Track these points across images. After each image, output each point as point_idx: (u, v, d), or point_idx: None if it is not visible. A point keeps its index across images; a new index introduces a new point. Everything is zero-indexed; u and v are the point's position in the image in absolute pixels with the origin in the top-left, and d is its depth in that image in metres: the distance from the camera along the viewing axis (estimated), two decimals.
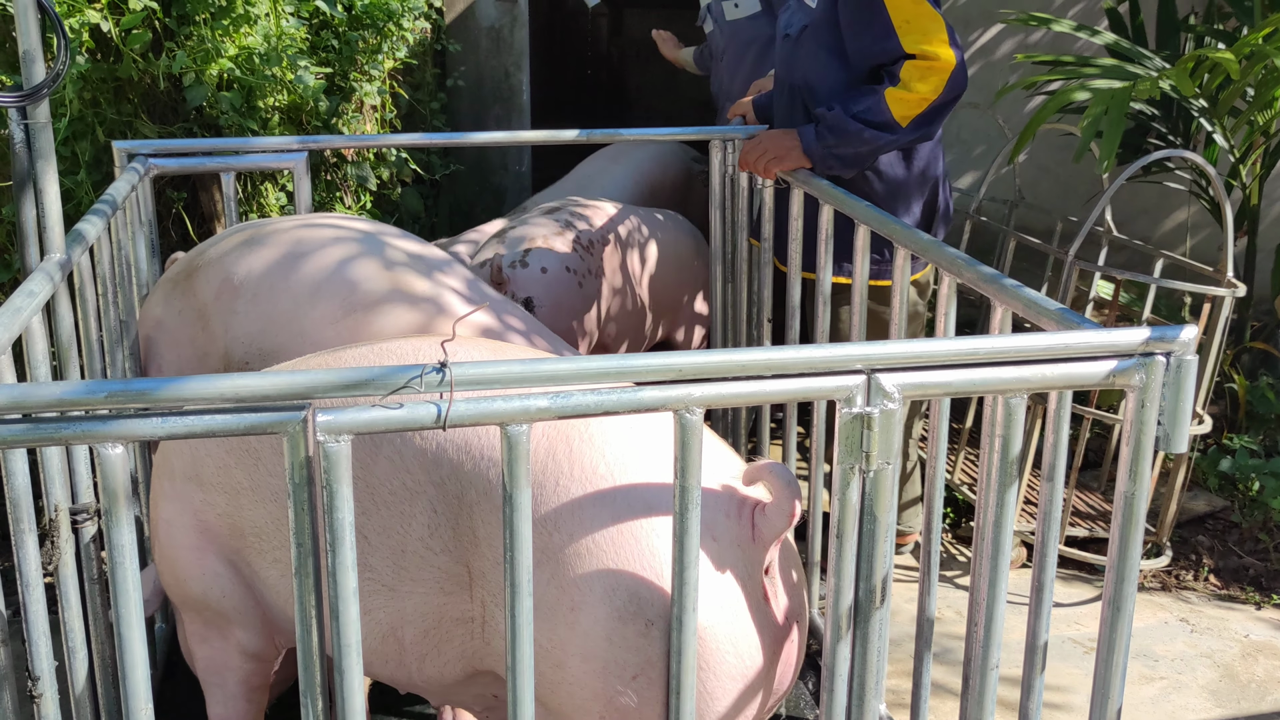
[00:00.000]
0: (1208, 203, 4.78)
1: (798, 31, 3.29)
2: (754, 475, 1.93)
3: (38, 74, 2.18)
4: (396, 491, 2.06)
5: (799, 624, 2.03)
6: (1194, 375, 1.89)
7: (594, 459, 1.95)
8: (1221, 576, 3.96)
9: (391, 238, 2.80)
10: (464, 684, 2.19)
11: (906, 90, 3.06)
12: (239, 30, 3.56)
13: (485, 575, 2.01)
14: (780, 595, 1.99)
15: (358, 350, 2.22)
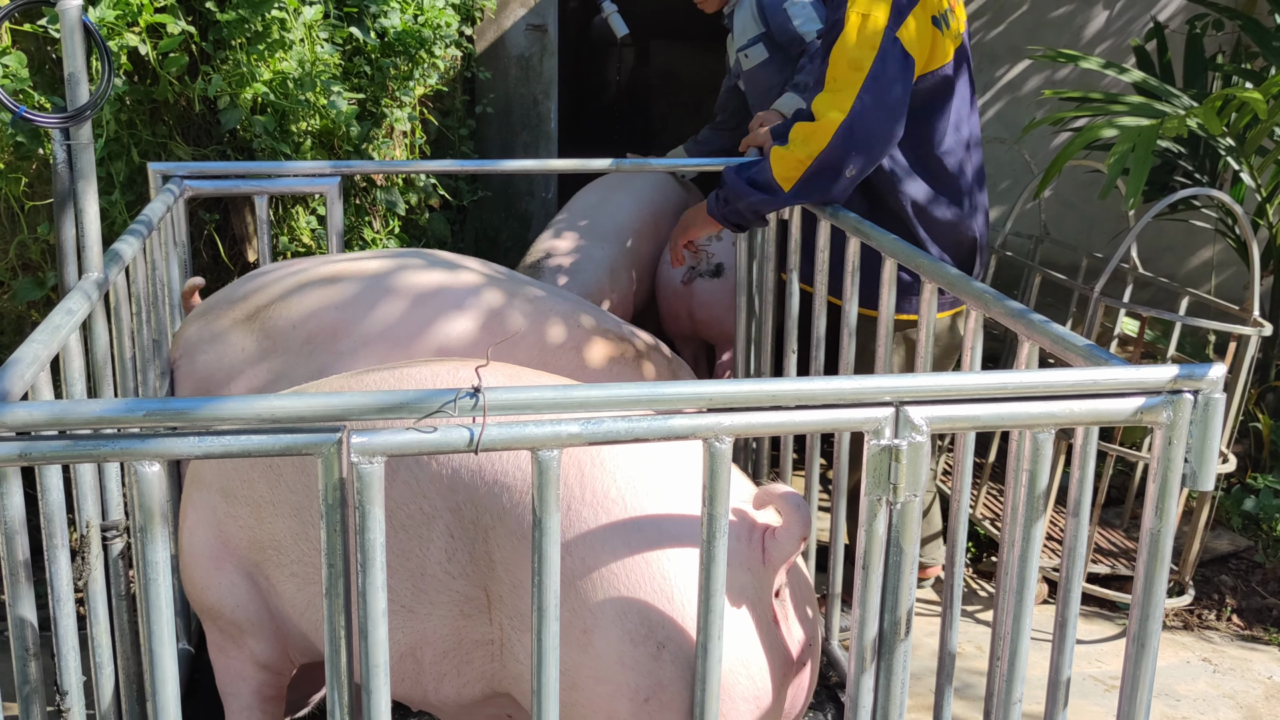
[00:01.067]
0: (1234, 241, 4.78)
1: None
2: (764, 500, 1.96)
3: (81, 96, 2.22)
4: (414, 516, 2.08)
5: (811, 649, 2.04)
6: (1221, 413, 1.89)
7: (605, 483, 1.96)
8: (1244, 617, 3.94)
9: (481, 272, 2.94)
10: (480, 705, 2.20)
11: (787, 151, 3.05)
12: (274, 55, 3.60)
13: (503, 599, 2.02)
14: (791, 619, 2.00)
15: (388, 372, 2.25)
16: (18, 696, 1.85)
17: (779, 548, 1.93)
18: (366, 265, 2.87)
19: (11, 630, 1.83)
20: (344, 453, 1.66)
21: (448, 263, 2.95)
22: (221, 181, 3.29)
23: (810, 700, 2.12)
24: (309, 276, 2.84)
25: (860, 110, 2.97)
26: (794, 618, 2.01)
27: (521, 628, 2.00)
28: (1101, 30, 5.57)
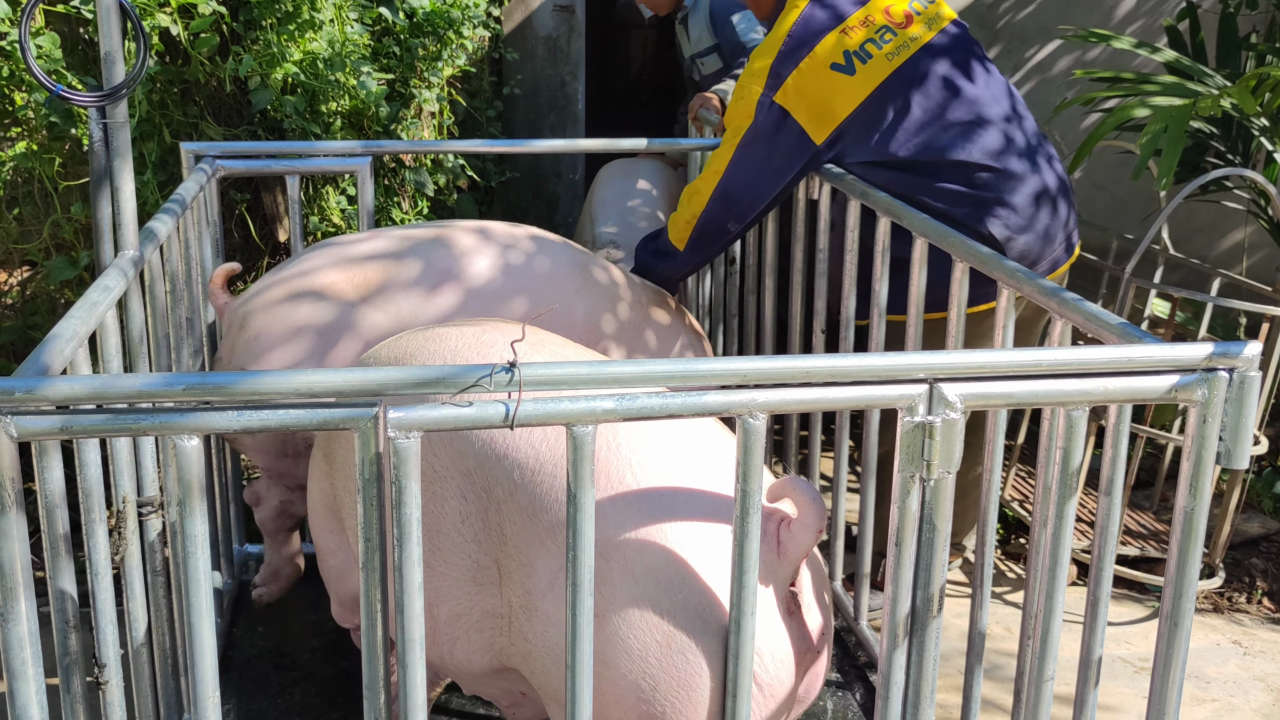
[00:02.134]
0: (1266, 222, 4.74)
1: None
2: (779, 491, 1.94)
3: (117, 75, 2.23)
4: (427, 473, 2.11)
5: (824, 636, 2.04)
6: (1256, 391, 1.88)
7: (620, 468, 1.97)
8: (1275, 600, 3.92)
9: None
10: (492, 677, 2.22)
11: (677, 213, 3.31)
12: (304, 35, 3.61)
13: (512, 576, 2.03)
14: (810, 608, 2.00)
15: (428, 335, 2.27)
16: (59, 668, 1.87)
17: (794, 540, 1.92)
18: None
19: (52, 603, 1.85)
20: (380, 427, 1.67)
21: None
22: (253, 161, 3.31)
23: (822, 683, 2.12)
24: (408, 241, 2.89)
25: (732, 171, 3.19)
26: (812, 605, 2.01)
27: (529, 608, 2.00)
28: (1133, 10, 5.52)
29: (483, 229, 2.93)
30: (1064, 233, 3.23)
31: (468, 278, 2.79)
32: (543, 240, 2.96)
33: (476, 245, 2.87)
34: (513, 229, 2.97)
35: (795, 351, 3.57)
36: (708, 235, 3.26)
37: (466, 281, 2.79)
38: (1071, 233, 3.28)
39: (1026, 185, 3.15)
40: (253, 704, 2.91)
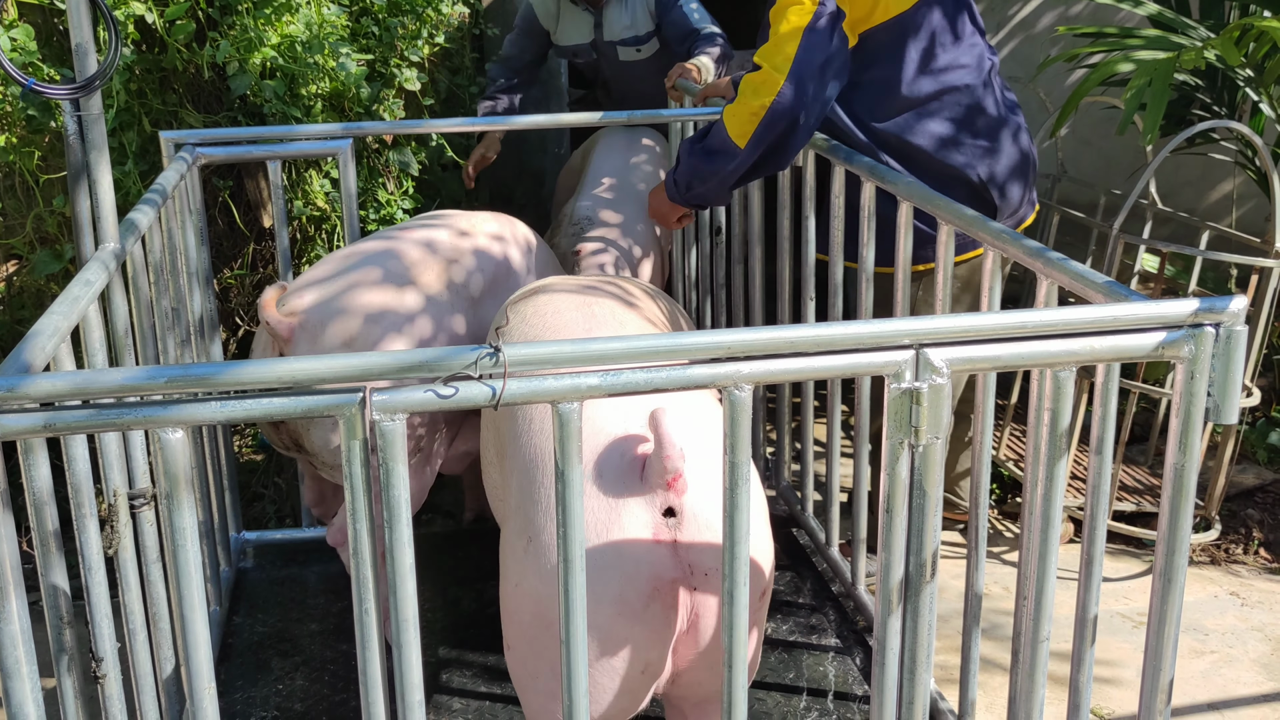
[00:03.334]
0: (1254, 173, 4.73)
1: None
2: (649, 421, 1.98)
3: (90, 66, 2.21)
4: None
5: (713, 580, 2.01)
6: (1244, 346, 1.88)
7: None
8: (1272, 550, 3.93)
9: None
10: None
11: (738, 104, 2.98)
12: (281, 19, 3.58)
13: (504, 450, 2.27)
14: (689, 547, 1.99)
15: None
16: (54, 664, 1.88)
17: (652, 468, 1.97)
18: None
19: (45, 599, 1.85)
20: (366, 413, 1.67)
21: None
22: (234, 148, 3.29)
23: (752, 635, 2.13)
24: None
25: (802, 56, 2.93)
26: (694, 546, 2.00)
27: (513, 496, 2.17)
28: None
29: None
30: (1027, 198, 3.28)
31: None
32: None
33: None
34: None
35: (785, 320, 3.57)
36: (774, 128, 2.97)
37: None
38: (1033, 199, 3.33)
39: (1005, 150, 3.17)
40: (255, 690, 2.92)
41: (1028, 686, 2.17)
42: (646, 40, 4.67)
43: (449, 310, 2.94)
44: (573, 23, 4.72)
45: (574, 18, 4.71)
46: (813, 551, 3.50)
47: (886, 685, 1.99)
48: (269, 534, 3.62)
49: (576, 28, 4.72)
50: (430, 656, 3.00)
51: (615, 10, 4.62)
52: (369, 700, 1.79)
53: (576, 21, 4.71)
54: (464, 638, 3.11)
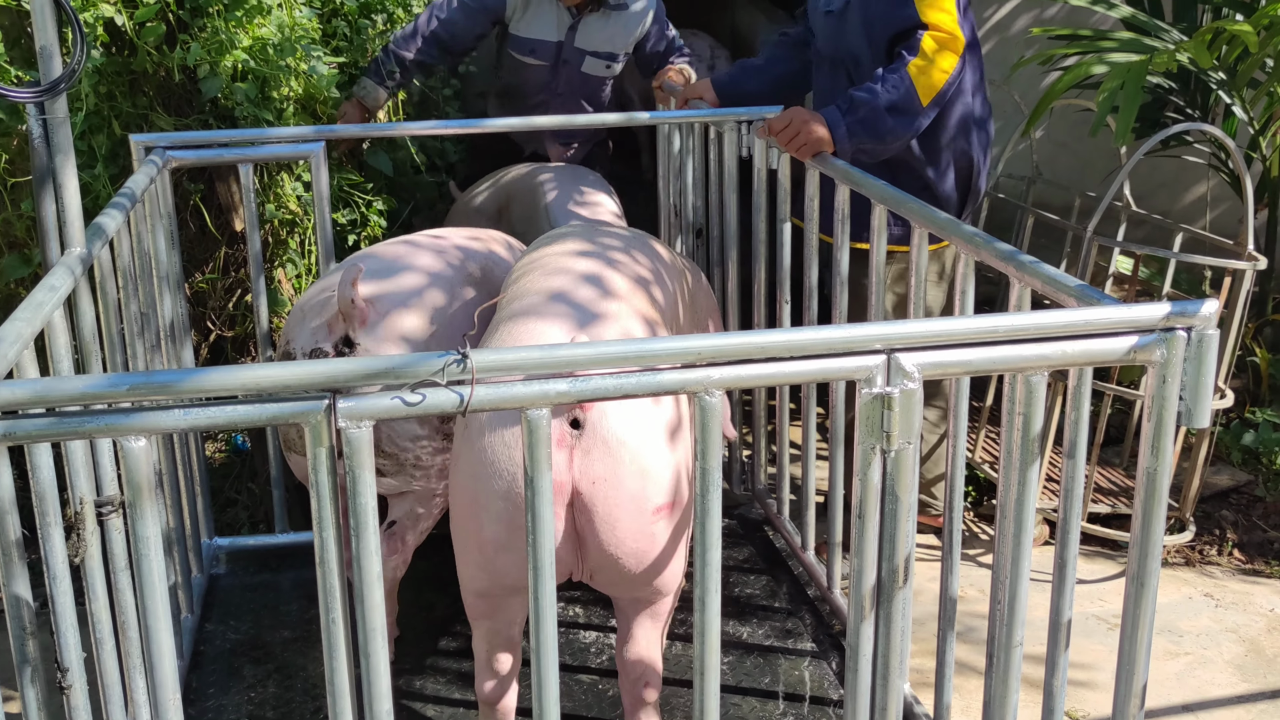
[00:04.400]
0: (1227, 176, 4.75)
1: (840, 6, 3.28)
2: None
3: (55, 69, 2.19)
4: None
5: (601, 489, 2.19)
6: (1215, 350, 1.88)
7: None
8: (1246, 551, 3.95)
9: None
10: None
11: (928, 62, 3.03)
12: (252, 21, 3.55)
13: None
14: (587, 455, 2.17)
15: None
16: (16, 674, 1.85)
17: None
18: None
19: (8, 609, 1.83)
20: (332, 420, 1.65)
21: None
22: (205, 151, 3.26)
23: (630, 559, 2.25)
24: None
25: (961, 24, 3.09)
26: (589, 455, 2.17)
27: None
28: None
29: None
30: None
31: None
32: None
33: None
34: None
35: (760, 322, 3.56)
36: (949, 89, 3.11)
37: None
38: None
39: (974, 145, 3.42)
40: (226, 698, 2.90)
41: (1002, 690, 2.17)
42: (617, 61, 4.53)
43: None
44: (543, 16, 4.43)
45: (546, 12, 4.43)
46: (788, 555, 3.49)
47: (860, 691, 1.99)
48: (242, 540, 3.60)
49: (546, 22, 4.44)
50: (403, 663, 2.98)
51: (597, 21, 4.44)
52: (337, 709, 1.77)
53: (547, 16, 4.43)
54: (436, 644, 3.09)
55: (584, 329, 2.31)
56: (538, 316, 2.35)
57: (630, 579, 2.28)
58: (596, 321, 2.35)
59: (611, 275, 2.53)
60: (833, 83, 3.35)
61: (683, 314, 2.80)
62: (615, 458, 2.16)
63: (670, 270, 2.81)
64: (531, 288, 2.49)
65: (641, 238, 2.88)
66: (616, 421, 2.18)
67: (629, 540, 2.20)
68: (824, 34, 3.38)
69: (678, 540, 2.32)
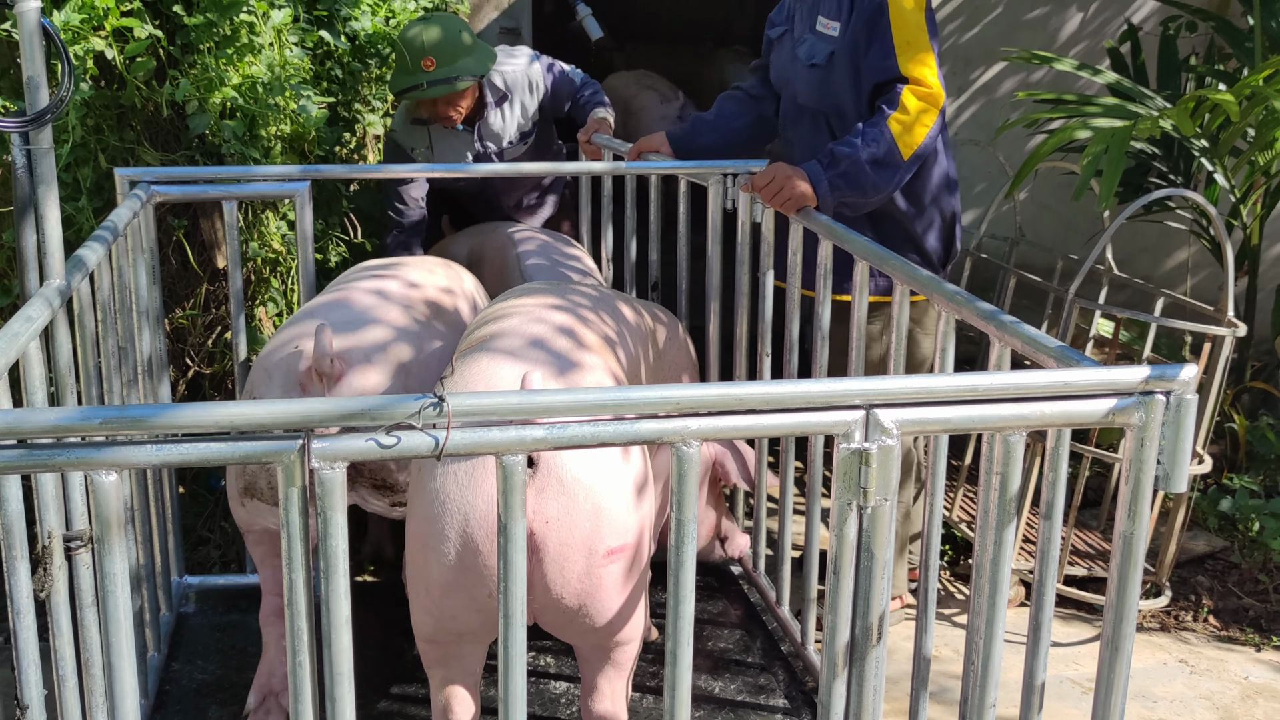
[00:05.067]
0: (1209, 242, 4.79)
1: (825, 59, 3.29)
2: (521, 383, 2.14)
3: (41, 100, 2.19)
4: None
5: (555, 529, 2.18)
6: (1194, 414, 1.88)
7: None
8: (1221, 617, 3.94)
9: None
10: None
11: (910, 117, 3.08)
12: (243, 59, 3.56)
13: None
14: (535, 490, 2.16)
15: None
16: None
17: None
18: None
19: None
20: (305, 460, 1.63)
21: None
22: (189, 186, 3.26)
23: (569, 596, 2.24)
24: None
25: (936, 79, 3.14)
26: (543, 493, 2.16)
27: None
28: (1076, 32, 5.56)
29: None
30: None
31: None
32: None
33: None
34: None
35: (741, 374, 3.56)
36: (932, 142, 3.17)
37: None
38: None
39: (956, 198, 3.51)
40: None
41: None
42: (530, 131, 4.36)
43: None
44: (448, 145, 4.28)
45: (447, 139, 4.27)
46: (763, 609, 3.47)
47: None
48: (212, 579, 3.56)
49: (454, 149, 4.29)
50: (369, 710, 2.94)
51: (493, 117, 4.26)
52: None
53: (451, 143, 4.28)
54: (405, 690, 3.05)
55: (560, 376, 2.31)
56: (510, 357, 2.34)
57: (575, 622, 2.26)
58: (569, 370, 2.35)
59: (583, 330, 2.53)
60: (814, 135, 3.36)
61: (646, 374, 2.78)
62: (569, 496, 2.15)
63: (634, 332, 2.80)
64: (505, 329, 2.48)
65: (608, 298, 2.87)
66: (572, 460, 2.17)
67: (575, 581, 2.19)
68: (806, 87, 3.38)
69: (631, 586, 2.29)
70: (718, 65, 7.21)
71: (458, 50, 3.96)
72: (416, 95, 3.99)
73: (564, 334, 2.47)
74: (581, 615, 2.24)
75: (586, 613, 2.24)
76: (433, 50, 3.92)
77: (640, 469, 2.32)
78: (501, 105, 4.26)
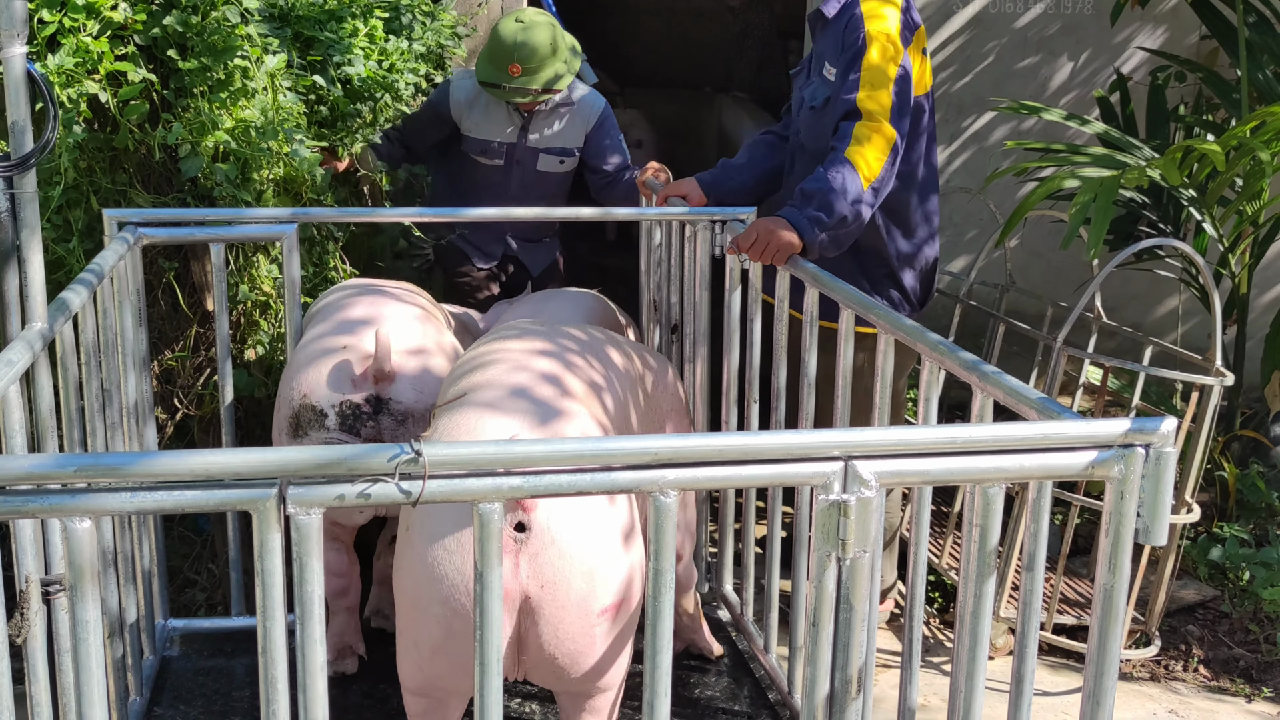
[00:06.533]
0: (1198, 290, 4.80)
1: (822, 102, 3.44)
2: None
3: (26, 144, 2.20)
4: None
5: (538, 602, 2.17)
6: (1173, 468, 1.88)
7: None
8: (1211, 667, 3.92)
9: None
10: None
11: (861, 147, 3.21)
12: (236, 103, 3.58)
13: None
14: (526, 564, 2.15)
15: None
16: None
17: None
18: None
19: None
20: (281, 508, 1.63)
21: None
22: (177, 229, 3.27)
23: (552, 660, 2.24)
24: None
25: (897, 108, 3.29)
26: (537, 559, 2.15)
27: None
28: (1066, 82, 5.61)
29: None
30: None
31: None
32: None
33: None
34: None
35: (727, 420, 3.55)
36: (892, 168, 3.27)
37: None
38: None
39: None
40: None
41: None
42: (571, 155, 4.55)
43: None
44: (493, 118, 4.48)
45: (496, 112, 4.48)
46: (750, 657, 3.45)
47: None
48: (197, 622, 3.54)
49: (496, 123, 4.49)
50: None
51: (545, 119, 4.49)
52: None
53: (497, 117, 4.48)
54: None
55: (543, 426, 2.30)
56: (493, 410, 2.34)
57: (567, 677, 2.26)
58: (553, 419, 2.34)
59: (568, 377, 2.53)
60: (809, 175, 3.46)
61: (635, 420, 2.78)
62: (565, 559, 2.15)
63: (622, 377, 2.80)
64: (488, 380, 2.48)
65: (596, 341, 2.86)
66: (565, 522, 2.17)
67: (569, 641, 2.19)
68: (806, 128, 3.52)
69: (621, 638, 2.30)
70: (715, 111, 7.25)
71: (544, 61, 4.25)
72: (497, 95, 4.32)
73: (548, 381, 2.46)
74: (569, 670, 2.24)
75: (574, 668, 2.24)
76: (522, 59, 4.21)
77: (627, 518, 2.32)
78: (563, 108, 4.48)
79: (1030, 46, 5.57)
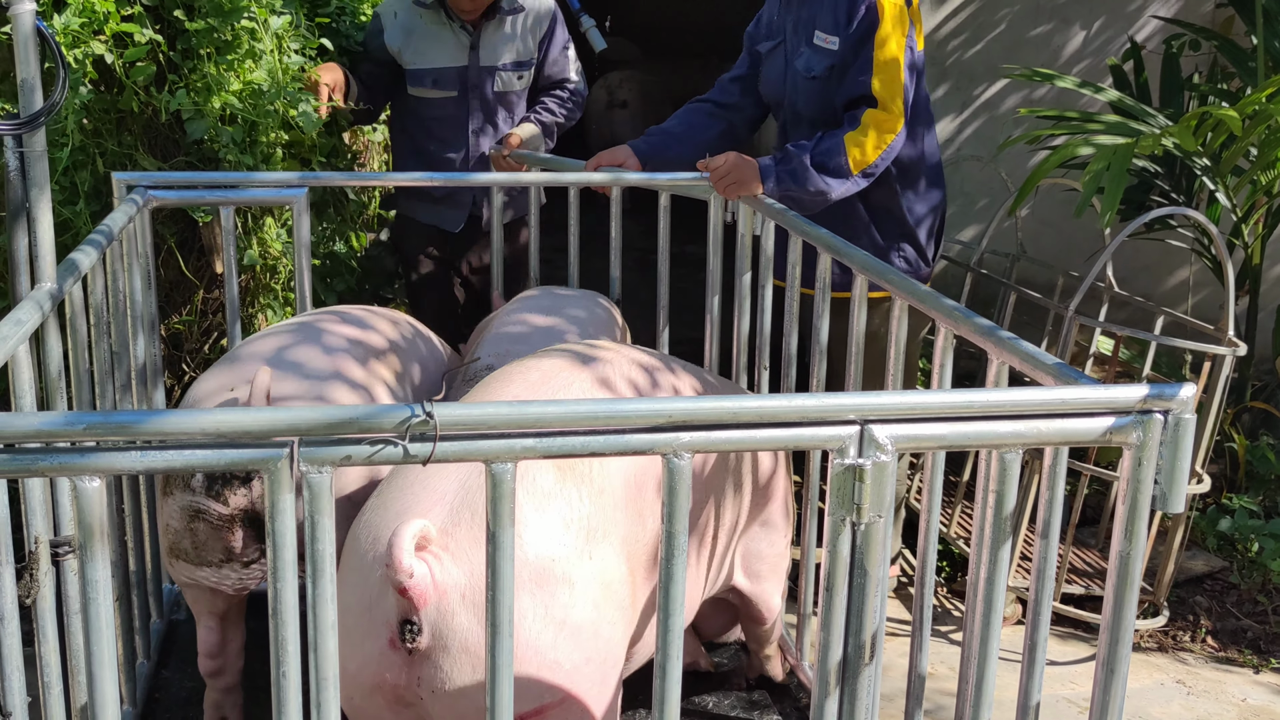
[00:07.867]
0: (1210, 261, 4.77)
1: (824, 71, 3.44)
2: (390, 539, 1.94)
3: (35, 103, 2.18)
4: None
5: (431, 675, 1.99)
6: (1192, 434, 1.86)
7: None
8: (1219, 638, 3.91)
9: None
10: None
11: (864, 137, 3.28)
12: (243, 65, 3.55)
13: None
14: (421, 655, 1.97)
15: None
16: None
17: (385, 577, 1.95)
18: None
19: None
20: (292, 467, 1.61)
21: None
22: (186, 192, 3.25)
23: None
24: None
25: (907, 94, 3.34)
26: (430, 661, 1.98)
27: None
28: (1079, 50, 5.56)
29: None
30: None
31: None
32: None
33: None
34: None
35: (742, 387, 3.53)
36: (887, 160, 3.36)
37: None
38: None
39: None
40: None
41: None
42: (528, 68, 4.15)
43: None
44: (438, 43, 4.06)
45: (440, 37, 4.06)
46: None
47: None
48: None
49: (443, 48, 4.07)
50: None
51: (494, 30, 4.07)
52: None
53: (443, 42, 4.06)
54: None
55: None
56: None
57: None
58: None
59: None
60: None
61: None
62: (455, 664, 1.98)
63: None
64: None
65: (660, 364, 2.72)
66: (462, 621, 1.98)
67: None
68: (807, 97, 3.53)
69: None
70: (713, 79, 7.21)
71: None
72: (435, 9, 3.96)
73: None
74: None
75: None
76: None
77: (582, 600, 2.07)
78: (513, 15, 4.11)
79: (1043, 14, 5.52)
